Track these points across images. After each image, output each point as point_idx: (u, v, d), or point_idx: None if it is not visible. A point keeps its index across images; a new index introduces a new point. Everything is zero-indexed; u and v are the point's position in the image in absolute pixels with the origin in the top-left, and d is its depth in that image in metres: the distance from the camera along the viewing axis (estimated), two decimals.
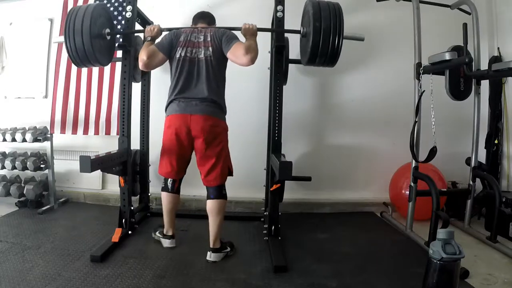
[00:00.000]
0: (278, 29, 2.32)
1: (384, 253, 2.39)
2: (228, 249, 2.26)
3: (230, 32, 2.15)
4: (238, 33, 2.17)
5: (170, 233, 2.35)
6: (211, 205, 2.18)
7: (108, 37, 2.28)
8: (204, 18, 2.33)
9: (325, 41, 2.00)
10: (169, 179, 2.28)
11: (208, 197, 2.20)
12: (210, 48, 2.10)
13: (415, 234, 2.56)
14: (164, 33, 2.23)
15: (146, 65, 2.10)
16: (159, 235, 2.39)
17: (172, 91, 2.15)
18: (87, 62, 2.19)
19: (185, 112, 2.09)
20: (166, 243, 2.33)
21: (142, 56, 2.06)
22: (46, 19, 3.48)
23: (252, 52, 1.98)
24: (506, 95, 3.20)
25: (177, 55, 2.12)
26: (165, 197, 2.30)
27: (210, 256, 2.17)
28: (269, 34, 2.88)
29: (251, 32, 2.11)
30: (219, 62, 2.13)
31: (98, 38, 2.18)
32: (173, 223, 2.35)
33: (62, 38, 2.13)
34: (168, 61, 2.18)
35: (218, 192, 2.19)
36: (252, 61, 1.99)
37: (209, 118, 2.09)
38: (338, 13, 2.02)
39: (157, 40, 2.21)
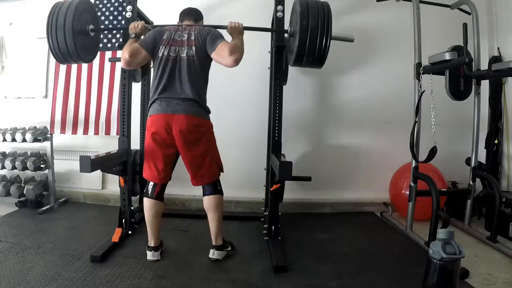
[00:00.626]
0: (266, 28, 2.28)
1: (384, 253, 2.39)
2: (229, 248, 2.25)
3: (215, 31, 2.07)
4: (224, 33, 2.09)
5: (152, 244, 2.16)
6: (207, 202, 2.15)
7: (92, 34, 2.21)
8: (191, 15, 2.24)
9: (312, 41, 1.95)
10: (150, 183, 2.15)
11: (204, 194, 2.17)
12: (194, 48, 2.02)
13: (415, 234, 2.56)
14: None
15: (128, 63, 2.00)
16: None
17: (154, 91, 2.06)
18: (70, 59, 2.13)
19: (166, 111, 2.00)
20: (148, 255, 2.16)
21: (124, 55, 1.98)
22: (46, 19, 3.47)
23: (237, 52, 1.91)
24: (506, 95, 3.20)
25: (160, 54, 2.04)
26: (145, 203, 2.16)
27: (214, 254, 2.15)
28: (269, 34, 2.88)
29: (238, 31, 2.05)
30: (201, 62, 2.04)
31: (82, 35, 2.11)
32: (156, 233, 2.17)
33: (44, 34, 2.06)
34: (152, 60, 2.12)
35: (213, 188, 2.15)
36: (237, 62, 1.92)
37: (192, 118, 2.02)
38: (326, 12, 1.97)
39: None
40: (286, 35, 2.23)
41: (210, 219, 2.17)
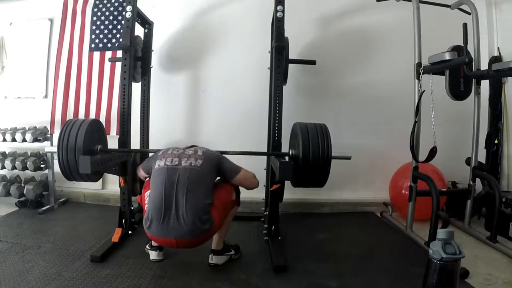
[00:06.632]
0: (265, 152, 2.55)
1: (384, 253, 2.40)
2: (233, 252, 2.21)
3: (226, 159, 2.11)
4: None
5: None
6: None
7: (100, 154, 2.22)
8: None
9: (314, 164, 1.98)
10: None
11: None
12: (200, 160, 1.97)
13: (415, 234, 2.56)
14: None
15: None
16: (148, 247, 2.22)
17: (151, 208, 1.89)
18: (77, 177, 2.13)
19: (168, 236, 1.85)
20: (152, 255, 2.16)
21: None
22: (46, 19, 3.48)
23: (254, 184, 2.19)
24: (506, 95, 3.20)
25: (156, 166, 1.98)
26: None
27: (212, 259, 2.12)
28: (269, 34, 2.88)
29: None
30: (209, 171, 1.99)
31: (90, 154, 2.09)
32: None
33: (54, 149, 2.09)
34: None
35: None
36: (255, 188, 2.21)
37: (199, 238, 1.89)
38: (325, 135, 2.04)
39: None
40: (286, 158, 2.23)
41: None
